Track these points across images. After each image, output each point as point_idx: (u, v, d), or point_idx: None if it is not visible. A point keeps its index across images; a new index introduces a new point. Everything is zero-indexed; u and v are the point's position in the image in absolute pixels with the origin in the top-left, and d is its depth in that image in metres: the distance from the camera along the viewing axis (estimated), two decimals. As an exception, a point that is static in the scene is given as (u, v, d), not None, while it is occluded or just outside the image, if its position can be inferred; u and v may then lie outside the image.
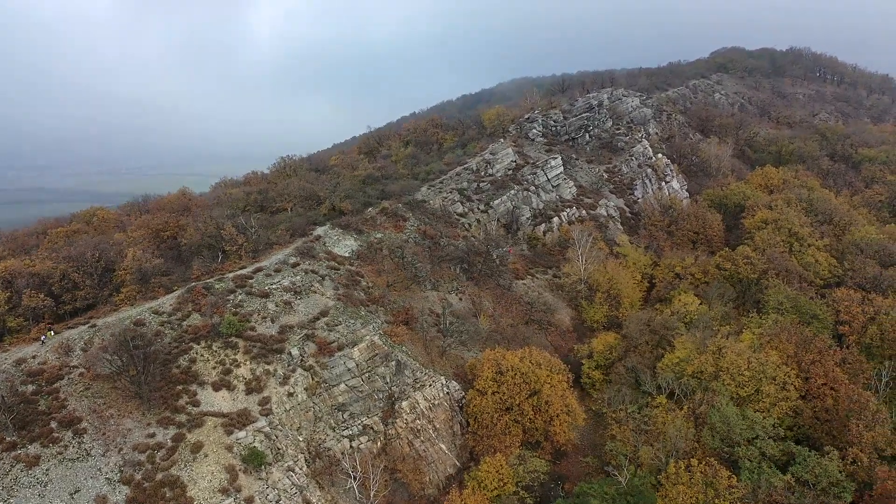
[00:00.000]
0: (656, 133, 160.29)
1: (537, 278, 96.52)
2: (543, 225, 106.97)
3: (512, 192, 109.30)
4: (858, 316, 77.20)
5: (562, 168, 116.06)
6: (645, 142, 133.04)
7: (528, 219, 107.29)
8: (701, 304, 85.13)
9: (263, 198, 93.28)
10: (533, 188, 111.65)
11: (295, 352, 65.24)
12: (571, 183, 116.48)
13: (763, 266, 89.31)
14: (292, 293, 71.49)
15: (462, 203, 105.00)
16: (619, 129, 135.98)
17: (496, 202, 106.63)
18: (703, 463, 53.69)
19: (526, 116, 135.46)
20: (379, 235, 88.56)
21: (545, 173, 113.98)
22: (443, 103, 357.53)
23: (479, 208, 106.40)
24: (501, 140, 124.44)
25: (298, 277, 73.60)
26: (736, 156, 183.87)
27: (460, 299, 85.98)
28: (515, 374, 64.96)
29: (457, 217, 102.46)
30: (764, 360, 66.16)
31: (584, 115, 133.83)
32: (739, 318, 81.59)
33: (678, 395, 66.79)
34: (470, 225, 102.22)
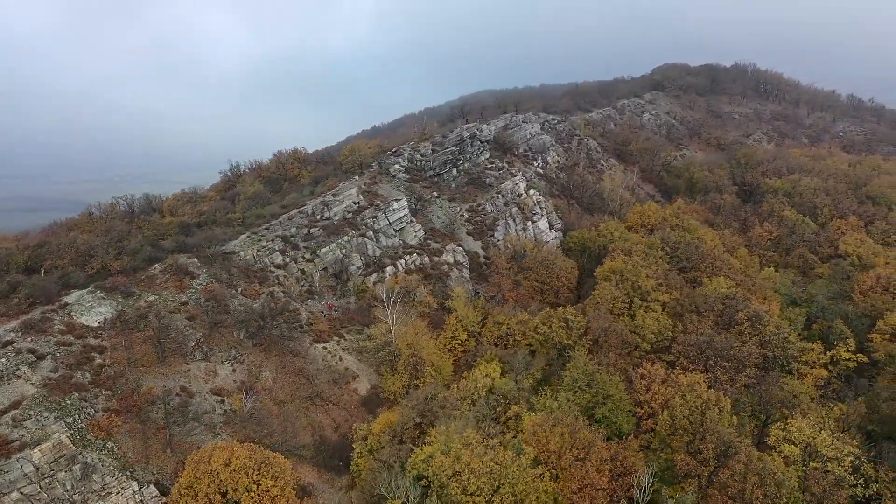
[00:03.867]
0: (556, 162, 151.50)
1: (346, 339, 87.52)
2: (375, 275, 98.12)
3: (345, 238, 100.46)
4: (658, 396, 67.93)
5: (407, 210, 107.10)
6: (519, 176, 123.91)
7: (358, 268, 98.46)
8: (503, 375, 76.26)
9: (38, 254, 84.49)
10: (371, 233, 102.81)
11: (-42, 456, 56.57)
12: (419, 226, 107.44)
13: (581, 329, 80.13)
14: (-11, 379, 62.91)
15: (283, 253, 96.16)
16: (492, 162, 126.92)
17: (324, 250, 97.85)
18: None
19: (393, 150, 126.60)
20: (151, 298, 79.84)
21: (387, 216, 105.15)
22: (405, 116, 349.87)
23: (304, 257, 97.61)
24: (355, 178, 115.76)
25: (4, 359, 64.97)
26: (654, 183, 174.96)
27: (234, 370, 77.10)
28: (211, 483, 56.01)
29: (272, 269, 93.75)
30: (509, 460, 57.04)
31: (452, 147, 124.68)
32: (535, 397, 72.37)
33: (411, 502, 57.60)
34: (286, 277, 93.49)
